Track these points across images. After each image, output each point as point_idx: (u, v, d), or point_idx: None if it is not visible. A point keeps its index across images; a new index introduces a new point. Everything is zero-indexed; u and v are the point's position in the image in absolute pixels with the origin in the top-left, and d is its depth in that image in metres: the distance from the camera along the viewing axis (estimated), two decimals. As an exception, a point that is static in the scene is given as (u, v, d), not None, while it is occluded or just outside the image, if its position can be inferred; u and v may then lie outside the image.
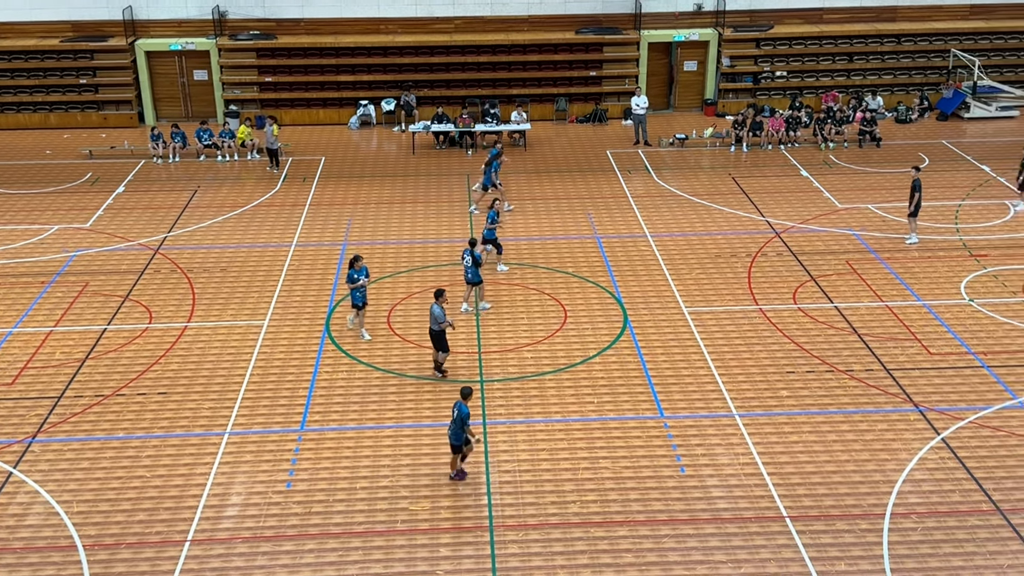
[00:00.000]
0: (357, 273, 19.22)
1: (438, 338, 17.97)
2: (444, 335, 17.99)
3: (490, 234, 22.27)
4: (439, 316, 17.69)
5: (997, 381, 17.62)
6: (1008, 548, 13.70)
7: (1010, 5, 33.59)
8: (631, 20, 33.41)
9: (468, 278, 20.34)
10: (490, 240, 22.28)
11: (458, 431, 15.14)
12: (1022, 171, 24.55)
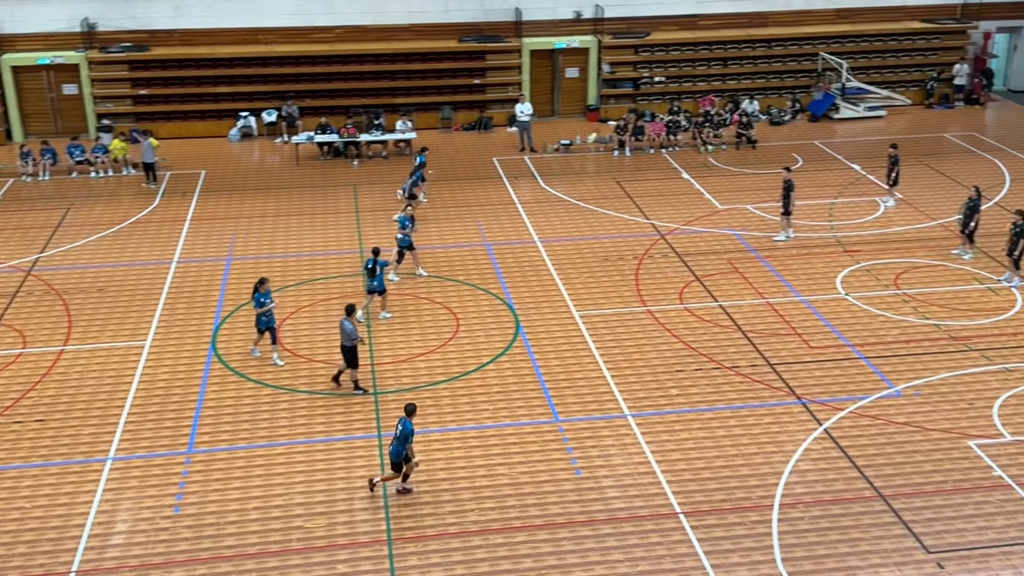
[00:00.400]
0: (263, 296, 18.52)
1: (350, 354, 17.70)
2: (356, 351, 17.73)
3: (403, 241, 22.12)
4: (351, 332, 17.44)
5: (874, 371, 18.33)
6: (891, 533, 14.24)
7: (874, 8, 35.08)
8: (512, 28, 33.65)
9: (372, 287, 20.22)
10: (404, 247, 22.15)
11: (399, 448, 14.84)
12: (891, 169, 25.60)
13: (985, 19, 35.15)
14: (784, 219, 23.92)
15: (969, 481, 15.23)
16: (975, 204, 22.44)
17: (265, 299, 18.54)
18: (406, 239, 22.08)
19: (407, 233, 22.06)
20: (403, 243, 22.09)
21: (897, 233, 24.25)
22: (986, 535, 14.08)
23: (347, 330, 17.42)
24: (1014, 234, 21.07)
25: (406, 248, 22.13)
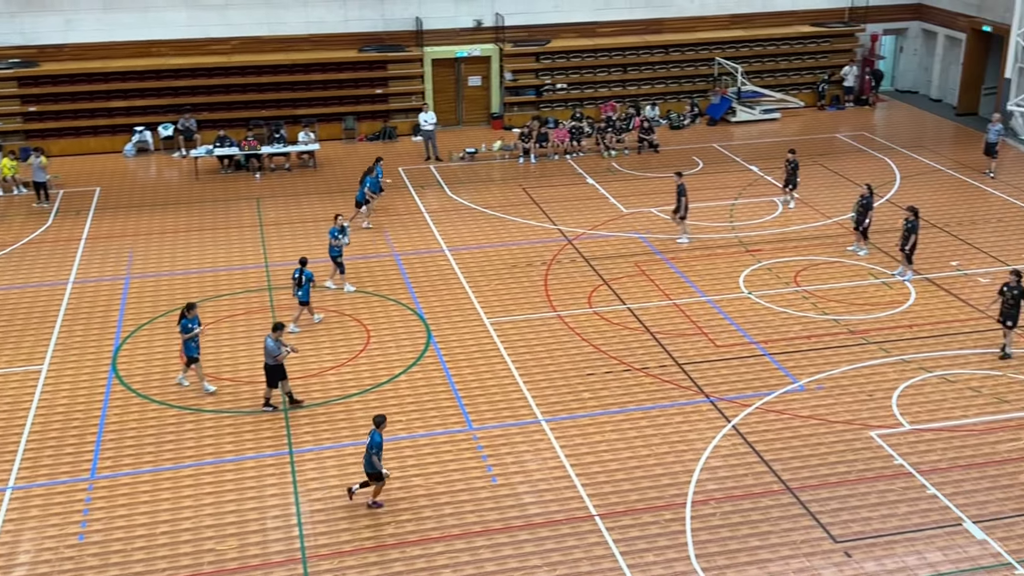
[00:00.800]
0: (190, 322, 17.89)
1: (272, 372, 17.33)
2: (279, 369, 17.35)
3: (334, 251, 21.87)
4: (272, 350, 17.10)
5: (778, 367, 18.78)
6: (800, 524, 14.60)
7: (766, 14, 36.03)
8: (413, 37, 33.57)
9: (297, 295, 20.10)
10: (334, 258, 21.91)
11: (368, 459, 14.75)
12: (787, 172, 26.26)
13: (872, 22, 36.42)
14: (681, 223, 24.37)
15: (872, 471, 15.72)
16: (868, 202, 23.19)
17: (193, 324, 17.91)
18: (334, 249, 21.87)
19: (336, 244, 21.85)
20: (332, 253, 21.89)
21: (795, 232, 24.92)
22: (890, 522, 14.55)
23: (268, 348, 17.12)
24: (906, 230, 21.84)
25: (336, 258, 21.94)
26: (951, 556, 13.83)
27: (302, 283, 19.99)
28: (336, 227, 21.89)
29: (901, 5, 36.87)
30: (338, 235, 21.81)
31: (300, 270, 19.99)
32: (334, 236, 21.80)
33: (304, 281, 19.97)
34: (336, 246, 21.80)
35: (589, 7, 34.54)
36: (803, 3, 36.17)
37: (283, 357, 17.24)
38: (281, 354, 17.17)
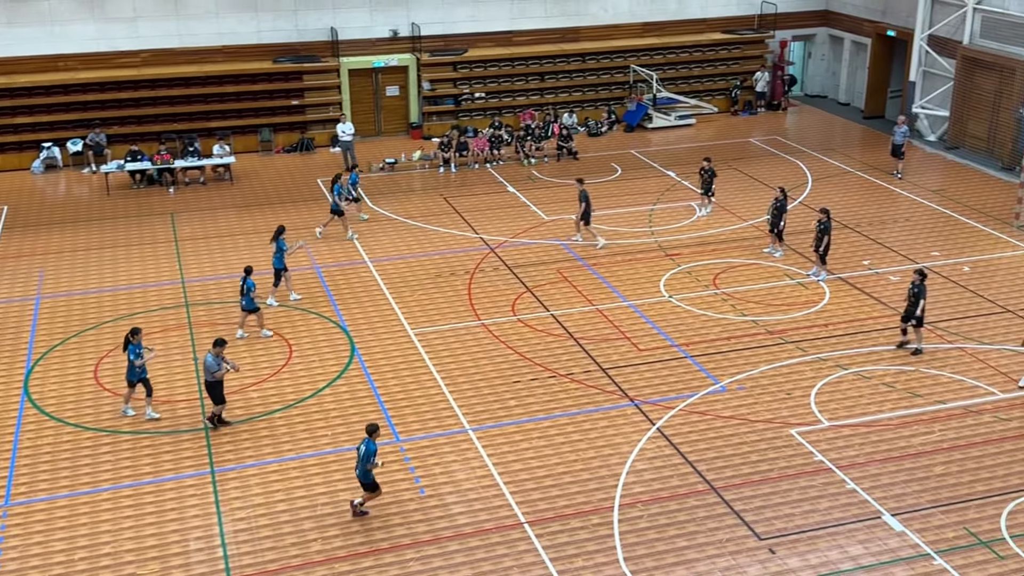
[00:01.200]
0: (138, 347, 17.30)
1: (212, 389, 16.97)
2: (220, 385, 16.99)
3: (278, 262, 21.66)
4: (211, 366, 16.74)
5: (700, 369, 19.06)
6: (725, 523, 14.81)
7: (678, 21, 36.61)
8: (329, 47, 33.31)
9: (242, 305, 19.96)
10: (278, 269, 21.71)
11: (363, 468, 14.66)
12: (704, 180, 26.63)
13: (781, 28, 37.29)
14: (587, 229, 24.59)
15: (793, 468, 16.03)
16: (782, 204, 23.70)
17: (139, 349, 17.35)
18: (277, 260, 21.69)
19: (279, 255, 21.70)
20: (275, 264, 21.71)
21: (713, 235, 25.33)
22: (812, 518, 14.85)
23: (207, 364, 16.77)
24: (819, 231, 22.37)
25: (280, 269, 21.74)
26: (872, 549, 14.17)
27: (244, 292, 19.87)
28: (282, 239, 21.72)
29: (808, 12, 37.83)
30: (284, 245, 21.68)
31: (244, 279, 19.87)
32: (281, 248, 21.65)
33: (246, 290, 19.81)
34: (278, 256, 21.69)
35: (505, 16, 34.71)
36: (714, 11, 36.87)
37: (221, 375, 16.91)
38: (220, 371, 16.83)
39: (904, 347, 19.47)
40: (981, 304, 21.40)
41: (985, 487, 15.45)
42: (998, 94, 30.42)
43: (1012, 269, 23.15)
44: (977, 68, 31.04)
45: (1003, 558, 13.92)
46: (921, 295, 19.00)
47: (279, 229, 21.86)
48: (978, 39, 30.95)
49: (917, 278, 19.18)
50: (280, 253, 21.63)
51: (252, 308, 20.18)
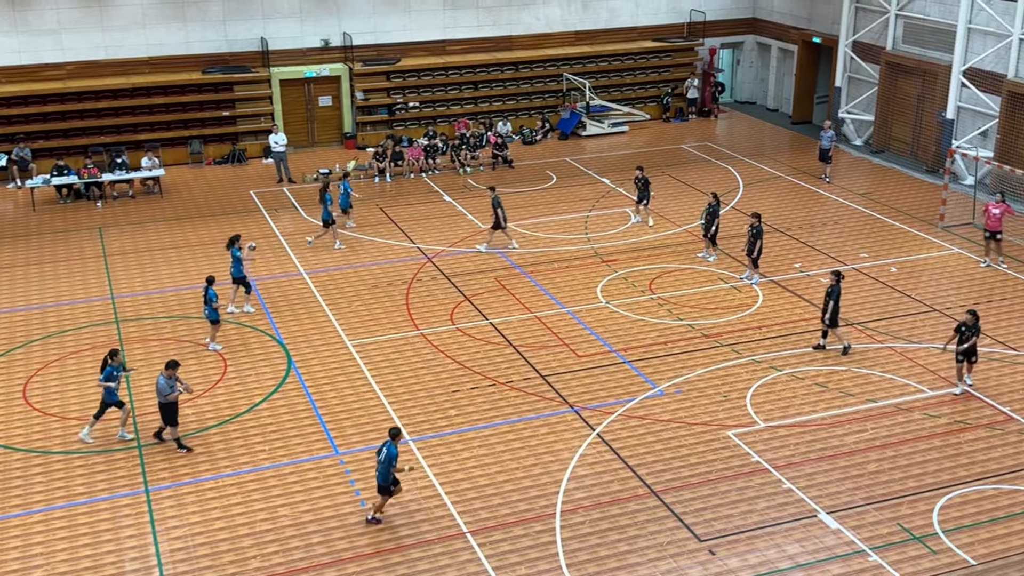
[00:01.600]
0: (116, 369, 16.80)
1: (165, 411, 16.58)
2: (173, 407, 16.59)
3: (236, 271, 21.43)
4: (163, 388, 16.37)
5: (638, 374, 19.21)
6: (666, 526, 14.94)
7: (610, 30, 36.96)
8: (259, 58, 32.97)
9: (206, 315, 19.90)
10: (238, 279, 21.44)
11: (385, 471, 14.63)
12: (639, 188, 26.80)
13: (709, 36, 37.85)
14: (502, 235, 24.79)
15: (731, 469, 16.24)
16: (715, 209, 24.03)
17: (118, 372, 16.89)
18: (236, 271, 21.47)
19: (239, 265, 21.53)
20: (234, 273, 21.51)
21: (648, 241, 25.59)
22: (750, 518, 15.05)
23: (159, 386, 16.40)
24: (751, 235, 22.72)
25: (238, 279, 21.50)
26: (808, 547, 14.41)
27: (206, 302, 19.79)
28: (236, 248, 21.52)
29: (736, 20, 38.46)
30: (240, 255, 21.52)
31: (206, 288, 19.76)
32: (237, 257, 21.46)
33: (207, 300, 19.66)
34: (238, 266, 21.51)
35: (437, 26, 34.70)
36: (644, 20, 37.29)
37: (174, 397, 16.56)
38: (172, 392, 16.48)
39: (820, 349, 19.84)
40: (909, 304, 21.92)
41: (917, 483, 15.81)
42: (920, 98, 31.25)
43: (937, 269, 23.76)
44: (900, 73, 31.85)
45: (936, 552, 14.25)
46: (832, 296, 19.43)
47: (232, 238, 21.67)
48: (901, 45, 31.76)
49: (833, 279, 19.60)
50: (237, 262, 21.42)
51: (215, 319, 20.00)
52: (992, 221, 23.43)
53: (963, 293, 22.36)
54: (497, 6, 35.18)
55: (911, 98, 31.60)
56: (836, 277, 19.57)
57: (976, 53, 28.88)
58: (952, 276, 23.32)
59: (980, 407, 17.84)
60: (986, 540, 14.43)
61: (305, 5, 33.04)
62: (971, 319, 18.00)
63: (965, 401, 18.02)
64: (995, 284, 22.83)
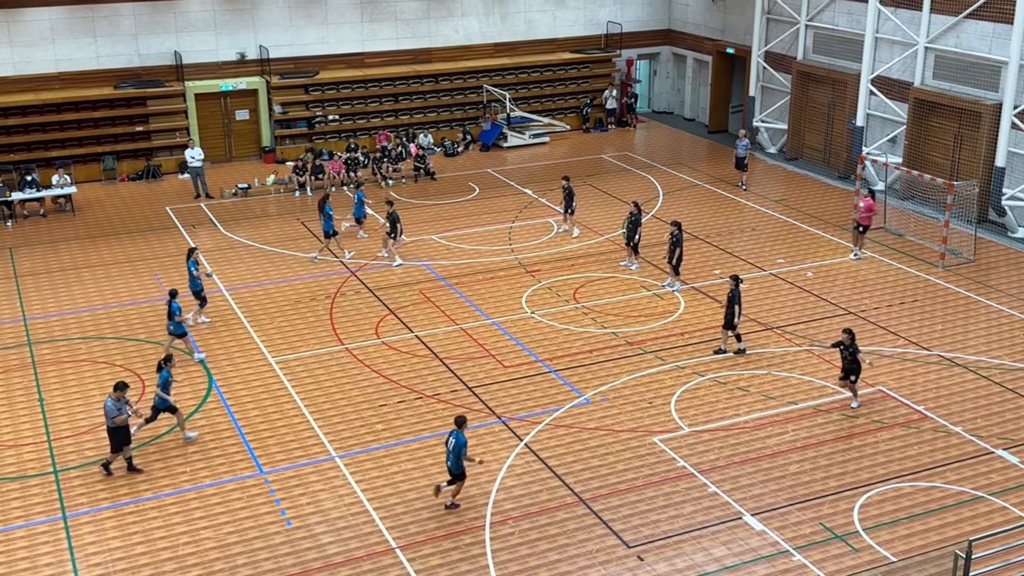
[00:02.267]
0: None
1: (115, 434, 16.08)
2: (122, 431, 16.08)
3: (194, 285, 21.14)
4: (110, 411, 15.90)
5: (564, 383, 19.31)
6: (595, 534, 15.02)
7: (528, 42, 37.20)
8: (173, 72, 32.38)
9: (170, 330, 19.70)
10: (196, 292, 21.12)
11: (457, 459, 15.11)
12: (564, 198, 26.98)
13: (626, 48, 38.35)
14: (393, 245, 24.90)
15: (658, 474, 16.41)
16: (636, 218, 24.31)
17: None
18: (195, 283, 21.19)
19: (195, 277, 21.23)
20: (192, 287, 21.25)
21: (571, 250, 25.76)
22: (677, 523, 15.22)
23: (107, 409, 15.93)
24: (671, 243, 23.04)
25: (198, 292, 21.15)
26: (734, 549, 14.63)
27: (170, 315, 19.59)
28: (192, 260, 21.25)
29: (652, 31, 39.05)
30: (195, 268, 21.22)
31: (169, 302, 19.56)
32: (193, 269, 21.20)
33: (171, 314, 19.51)
34: (196, 279, 21.22)
35: (355, 38, 34.53)
36: (562, 31, 37.62)
37: (122, 420, 16.06)
38: (121, 415, 15.99)
39: (741, 353, 20.25)
40: (825, 307, 22.45)
41: (837, 483, 16.17)
42: (831, 106, 32.09)
43: (851, 273, 24.39)
44: (811, 82, 32.67)
45: (857, 550, 14.59)
46: (735, 300, 19.85)
47: (189, 251, 21.50)
48: (811, 54, 32.59)
49: (732, 283, 20.03)
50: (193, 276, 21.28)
51: (180, 332, 19.83)
52: (860, 215, 24.77)
53: (877, 296, 23.00)
54: (416, 19, 35.15)
55: (822, 106, 32.44)
56: (735, 281, 20.01)
57: (883, 62, 29.78)
58: (866, 279, 23.96)
59: (896, 406, 18.35)
60: (905, 536, 14.83)
61: (220, 18, 32.59)
62: (847, 337, 18.01)
63: (882, 401, 18.51)
64: (907, 286, 23.53)
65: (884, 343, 20.69)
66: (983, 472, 16.34)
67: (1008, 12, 25.88)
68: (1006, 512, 15.31)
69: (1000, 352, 20.30)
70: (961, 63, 27.51)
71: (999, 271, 24.35)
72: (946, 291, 23.21)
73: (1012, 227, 26.48)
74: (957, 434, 17.43)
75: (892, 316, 21.92)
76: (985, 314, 22.02)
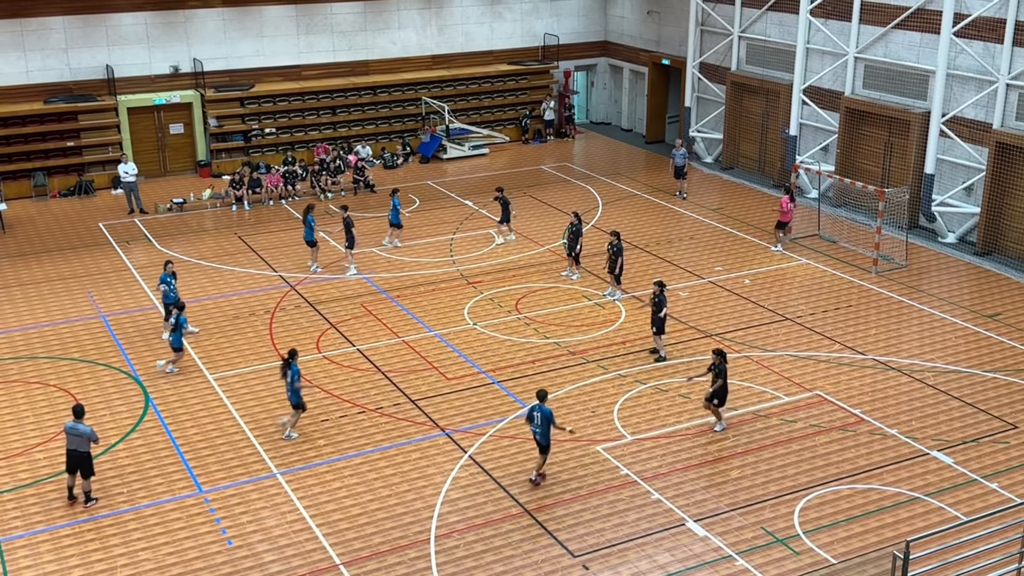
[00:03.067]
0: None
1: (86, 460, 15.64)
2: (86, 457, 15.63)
3: (169, 298, 20.95)
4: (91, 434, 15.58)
5: (508, 394, 19.31)
6: (540, 544, 15.03)
7: (466, 54, 37.27)
8: (105, 86, 31.83)
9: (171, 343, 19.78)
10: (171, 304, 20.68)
11: (546, 431, 15.92)
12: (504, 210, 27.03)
13: (564, 59, 38.61)
14: (348, 253, 24.88)
15: (602, 483, 16.48)
16: (577, 229, 24.44)
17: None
18: (168, 296, 21.02)
19: (170, 291, 21.06)
20: (166, 300, 21.07)
21: (512, 261, 25.81)
22: (622, 531, 15.30)
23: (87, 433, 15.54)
24: (612, 253, 23.20)
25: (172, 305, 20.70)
26: (678, 556, 14.74)
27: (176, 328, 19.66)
28: (167, 273, 21.07)
29: (589, 43, 39.37)
30: (169, 280, 21.07)
31: (177, 315, 19.51)
32: (167, 283, 21.05)
33: (177, 326, 19.61)
34: (170, 293, 21.01)
35: (291, 51, 34.28)
36: (500, 43, 37.76)
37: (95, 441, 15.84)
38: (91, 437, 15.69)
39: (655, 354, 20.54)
40: (763, 314, 22.77)
41: (778, 487, 16.39)
42: (765, 116, 32.64)
43: (787, 279, 24.79)
44: (745, 92, 33.20)
45: (798, 553, 14.79)
46: (661, 305, 20.12)
47: (165, 263, 21.53)
48: (745, 65, 33.12)
49: (656, 289, 20.29)
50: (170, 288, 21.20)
51: (178, 346, 19.86)
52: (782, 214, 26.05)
53: (812, 302, 23.39)
54: (353, 31, 35.02)
55: (756, 116, 32.97)
56: (659, 287, 20.27)
57: (815, 72, 30.38)
58: (801, 285, 24.37)
59: (833, 410, 18.66)
60: (844, 538, 15.07)
61: (153, 31, 32.13)
62: (717, 359, 17.64)
63: (819, 405, 18.82)
64: (842, 291, 23.98)
65: (820, 348, 21.05)
66: (919, 473, 16.69)
67: (935, 22, 26.59)
68: (942, 512, 15.65)
69: (933, 355, 20.77)
70: (890, 72, 28.18)
71: (930, 276, 24.94)
72: (879, 296, 23.71)
73: (942, 232, 27.15)
74: (893, 436, 17.79)
75: (827, 321, 22.32)
76: (918, 318, 22.53)
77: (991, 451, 17.29)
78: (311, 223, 24.74)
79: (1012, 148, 25.16)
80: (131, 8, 31.71)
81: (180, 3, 32.32)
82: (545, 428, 16.01)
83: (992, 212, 25.81)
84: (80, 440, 15.63)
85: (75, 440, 15.63)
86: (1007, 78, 25.02)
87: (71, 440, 15.65)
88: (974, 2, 25.60)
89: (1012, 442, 17.56)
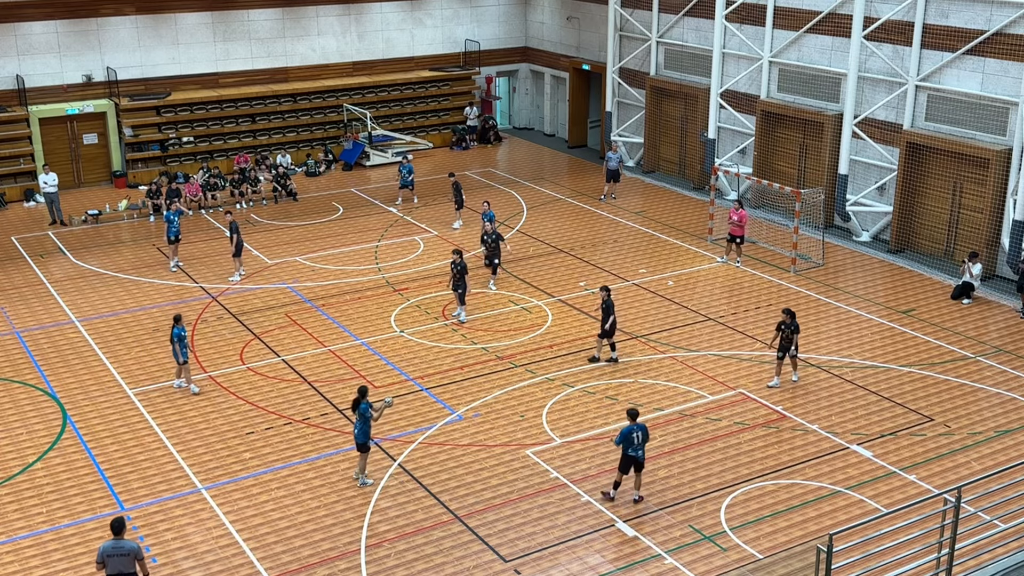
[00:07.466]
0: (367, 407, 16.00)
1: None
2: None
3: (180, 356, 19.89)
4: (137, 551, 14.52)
5: (436, 400, 19.26)
6: (471, 551, 15.01)
7: (387, 60, 37.10)
8: (15, 96, 30.94)
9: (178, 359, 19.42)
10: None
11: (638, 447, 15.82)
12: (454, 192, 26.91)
13: (485, 65, 38.70)
14: (236, 260, 24.69)
15: (532, 487, 16.53)
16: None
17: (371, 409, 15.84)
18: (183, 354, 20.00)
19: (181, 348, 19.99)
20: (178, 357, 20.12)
21: (438, 268, 25.75)
22: (552, 534, 15.36)
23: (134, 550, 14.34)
24: (455, 272, 22.15)
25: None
26: (608, 556, 14.86)
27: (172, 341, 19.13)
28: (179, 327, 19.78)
29: (509, 49, 39.53)
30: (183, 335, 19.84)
31: (172, 327, 19.06)
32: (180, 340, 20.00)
33: (175, 338, 18.97)
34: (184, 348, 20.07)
35: (208, 58, 33.74)
36: (421, 49, 37.70)
37: None
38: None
39: (614, 362, 20.67)
40: (687, 315, 23.10)
41: (704, 485, 16.63)
42: (684, 120, 33.14)
43: (709, 280, 25.20)
44: (664, 97, 33.66)
45: (725, 550, 15.03)
46: (610, 310, 20.32)
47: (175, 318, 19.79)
48: (663, 70, 33.59)
49: (604, 294, 20.50)
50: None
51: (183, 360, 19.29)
52: (734, 227, 25.58)
53: (734, 301, 23.81)
54: (271, 38, 34.62)
55: (676, 120, 33.45)
56: (606, 292, 20.47)
57: (731, 76, 30.95)
58: (723, 286, 24.79)
59: (756, 407, 19.02)
60: (770, 533, 15.36)
61: (64, 40, 31.33)
62: (787, 317, 19.24)
63: (743, 403, 19.16)
64: (762, 291, 24.45)
65: (742, 347, 21.43)
66: (840, 467, 17.09)
67: (845, 26, 27.31)
68: (863, 505, 16.05)
69: (850, 351, 21.31)
70: (803, 76, 28.85)
71: (846, 274, 25.58)
72: (798, 294, 24.24)
73: (856, 231, 27.88)
74: (814, 432, 18.19)
75: (748, 320, 22.73)
76: (835, 315, 23.09)
77: (909, 443, 17.80)
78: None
79: (922, 148, 25.95)
80: (41, 16, 30.88)
81: (92, 11, 31.61)
82: (644, 446, 15.90)
83: (904, 211, 26.59)
84: (126, 560, 12.59)
85: (119, 563, 12.55)
86: (916, 80, 25.81)
87: (113, 564, 12.54)
88: (883, 6, 26.36)
89: (928, 434, 18.10)
